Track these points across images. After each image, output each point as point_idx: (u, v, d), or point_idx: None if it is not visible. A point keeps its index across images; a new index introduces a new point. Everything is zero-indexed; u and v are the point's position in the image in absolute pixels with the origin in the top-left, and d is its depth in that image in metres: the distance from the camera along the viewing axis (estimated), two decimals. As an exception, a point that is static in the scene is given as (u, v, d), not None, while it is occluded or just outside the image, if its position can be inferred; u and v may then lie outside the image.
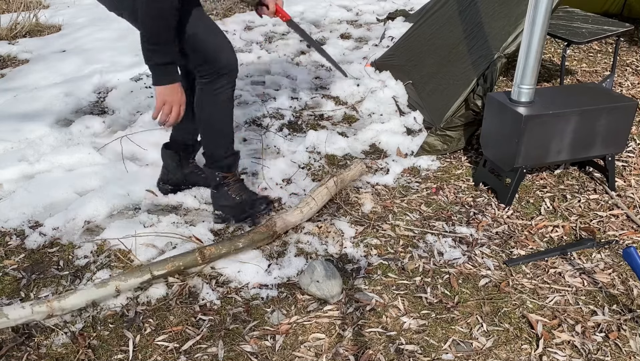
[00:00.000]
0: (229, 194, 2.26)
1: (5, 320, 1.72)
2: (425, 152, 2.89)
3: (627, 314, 1.92)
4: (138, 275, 1.93)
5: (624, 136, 2.52)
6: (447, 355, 1.77)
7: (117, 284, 1.88)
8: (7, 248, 2.25)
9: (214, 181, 2.28)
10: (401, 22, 4.65)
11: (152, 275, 1.94)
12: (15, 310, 1.74)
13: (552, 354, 1.77)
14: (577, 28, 3.27)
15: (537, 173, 2.73)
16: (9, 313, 1.73)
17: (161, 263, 1.98)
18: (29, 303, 1.76)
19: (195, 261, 2.02)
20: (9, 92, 3.60)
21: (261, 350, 1.80)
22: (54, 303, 1.78)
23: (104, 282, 1.87)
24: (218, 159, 2.25)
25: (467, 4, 3.23)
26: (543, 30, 2.23)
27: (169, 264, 1.98)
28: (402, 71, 3.44)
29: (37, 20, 5.04)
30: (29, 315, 1.76)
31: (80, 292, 1.83)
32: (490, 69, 2.79)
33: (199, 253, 2.02)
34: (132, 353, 1.79)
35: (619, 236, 2.31)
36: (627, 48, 4.29)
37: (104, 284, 1.87)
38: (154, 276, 1.94)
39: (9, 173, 2.67)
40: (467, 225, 2.39)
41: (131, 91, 3.55)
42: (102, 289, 1.86)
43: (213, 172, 2.27)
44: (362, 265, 2.16)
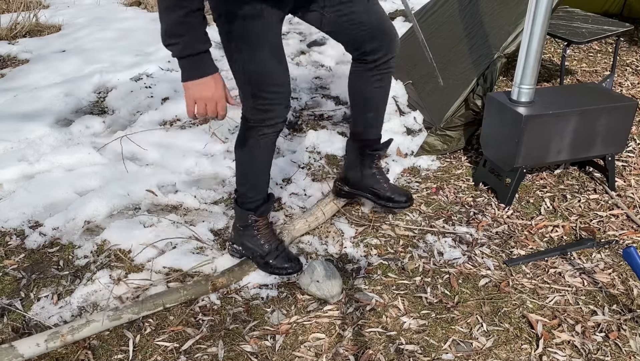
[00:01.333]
0: (257, 238, 2.05)
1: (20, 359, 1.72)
2: (425, 152, 2.89)
3: (627, 314, 1.92)
4: (151, 308, 1.92)
5: (624, 136, 2.52)
6: (447, 355, 1.77)
7: (130, 317, 1.88)
8: (7, 248, 2.25)
9: (244, 221, 2.06)
10: (401, 22, 4.65)
11: (165, 307, 1.94)
12: (30, 348, 1.74)
13: (552, 354, 1.77)
14: (577, 28, 3.27)
15: (537, 173, 2.73)
16: (24, 353, 1.73)
17: (173, 294, 1.95)
18: (43, 339, 1.75)
19: (206, 291, 2.01)
20: (9, 92, 3.60)
21: (261, 350, 1.80)
22: (67, 338, 1.78)
23: (117, 314, 1.86)
24: (250, 201, 2.03)
25: (466, 4, 3.23)
26: (543, 30, 2.23)
27: (182, 296, 1.96)
28: (402, 71, 3.44)
29: (37, 20, 5.04)
30: (44, 351, 1.76)
31: (94, 325, 1.82)
32: (490, 69, 2.79)
33: (211, 285, 2.00)
34: (132, 353, 1.79)
35: (619, 236, 2.31)
36: (627, 48, 4.28)
37: (118, 317, 1.86)
38: (165, 309, 1.94)
39: (9, 173, 2.67)
40: (467, 225, 2.39)
41: (131, 91, 3.55)
42: (115, 322, 1.86)
43: (244, 212, 2.05)
44: (362, 265, 2.16)
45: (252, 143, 1.91)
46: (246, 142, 1.92)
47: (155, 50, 4.25)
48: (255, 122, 1.85)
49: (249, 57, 1.72)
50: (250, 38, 1.70)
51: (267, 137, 1.88)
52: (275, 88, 1.79)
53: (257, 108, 1.81)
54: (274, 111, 1.82)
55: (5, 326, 1.88)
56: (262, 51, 1.73)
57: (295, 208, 2.47)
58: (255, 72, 1.75)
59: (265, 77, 1.76)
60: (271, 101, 1.80)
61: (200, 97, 1.59)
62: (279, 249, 2.06)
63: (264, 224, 2.08)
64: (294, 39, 4.57)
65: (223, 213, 2.45)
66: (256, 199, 2.03)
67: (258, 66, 1.74)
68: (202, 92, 1.58)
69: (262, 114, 1.82)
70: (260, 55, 1.73)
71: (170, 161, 2.78)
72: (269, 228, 2.10)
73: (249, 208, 2.04)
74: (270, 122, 1.84)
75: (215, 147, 2.91)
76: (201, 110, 1.62)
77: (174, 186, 2.63)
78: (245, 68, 1.75)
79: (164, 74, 3.79)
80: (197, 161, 2.79)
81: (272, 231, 2.11)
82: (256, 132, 1.87)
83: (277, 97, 1.80)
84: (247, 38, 1.70)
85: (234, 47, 1.72)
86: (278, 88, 1.80)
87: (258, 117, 1.83)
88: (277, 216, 2.41)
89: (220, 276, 2.04)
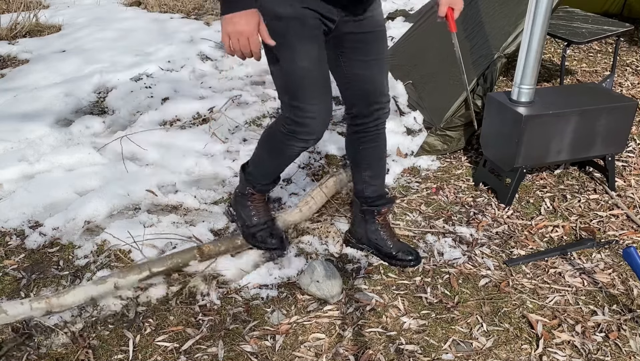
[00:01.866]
0: (249, 209, 2.12)
1: (4, 316, 1.72)
2: (425, 152, 2.89)
3: (627, 314, 1.92)
4: (137, 272, 1.94)
5: (624, 136, 2.52)
6: (447, 355, 1.77)
7: (115, 281, 1.89)
8: (7, 248, 2.25)
9: (243, 190, 2.14)
10: (401, 22, 4.65)
11: (151, 272, 1.95)
12: (15, 307, 1.75)
13: (552, 354, 1.77)
14: (577, 28, 3.27)
15: (537, 173, 2.73)
16: (7, 310, 1.74)
17: (160, 260, 1.99)
18: (27, 299, 1.77)
19: (194, 258, 2.02)
20: (9, 92, 3.60)
21: (261, 350, 1.80)
22: (52, 300, 1.78)
23: (102, 279, 1.88)
24: (255, 181, 2.09)
25: (467, 4, 3.23)
26: (543, 30, 2.23)
27: (168, 261, 1.99)
28: (402, 71, 3.44)
29: (37, 20, 5.04)
30: (28, 311, 1.76)
31: (79, 288, 1.84)
32: (490, 69, 2.79)
33: (198, 251, 2.03)
34: (132, 353, 1.79)
35: (619, 236, 2.31)
36: (627, 48, 4.28)
37: (103, 281, 1.88)
38: (152, 273, 1.95)
39: (9, 173, 2.68)
40: (467, 225, 2.39)
41: (131, 91, 3.55)
42: (101, 286, 1.87)
43: (245, 184, 2.12)
44: (362, 265, 2.16)
45: (279, 148, 1.91)
46: (273, 144, 1.92)
47: (155, 50, 4.25)
48: (288, 132, 1.83)
49: (292, 61, 1.72)
50: (295, 42, 1.70)
51: (294, 149, 1.88)
52: (316, 107, 1.77)
53: (292, 119, 1.80)
54: (308, 127, 1.79)
55: (5, 326, 1.87)
56: (306, 57, 1.72)
57: (295, 208, 2.47)
58: (291, 80, 1.74)
59: (309, 91, 1.75)
60: (308, 115, 1.77)
61: (233, 30, 1.57)
62: (267, 224, 2.09)
63: (259, 198, 2.13)
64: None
65: (223, 213, 2.44)
66: (262, 183, 2.09)
67: (301, 77, 1.73)
68: (235, 25, 1.56)
69: (296, 126, 1.80)
70: (300, 64, 1.72)
71: (170, 161, 2.78)
72: (263, 202, 2.14)
73: (251, 183, 2.08)
74: (302, 137, 1.82)
75: (215, 147, 2.91)
76: (234, 44, 1.58)
77: (174, 186, 2.63)
78: (285, 72, 1.74)
79: (164, 74, 3.80)
80: (197, 161, 2.79)
81: (265, 207, 2.14)
82: (287, 141, 1.86)
83: (314, 114, 1.77)
84: (291, 41, 1.70)
85: (277, 50, 1.70)
86: (318, 107, 1.77)
87: (291, 128, 1.82)
88: (277, 216, 2.41)
89: (208, 243, 2.07)
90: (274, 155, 1.97)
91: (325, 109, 1.80)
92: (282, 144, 1.88)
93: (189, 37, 4.60)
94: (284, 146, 1.88)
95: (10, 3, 5.57)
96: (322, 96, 1.78)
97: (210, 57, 4.18)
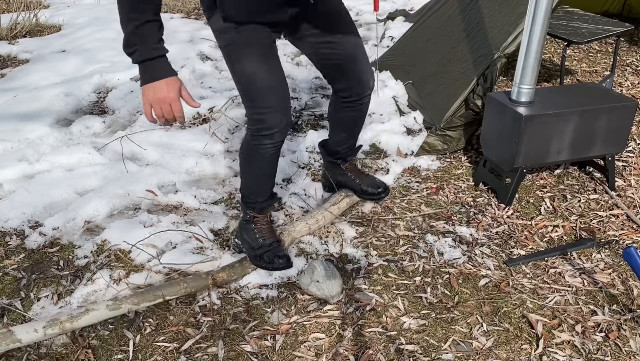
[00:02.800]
0: (254, 232, 2.13)
1: (18, 344, 1.72)
2: (425, 152, 2.89)
3: (627, 314, 1.92)
4: (150, 299, 1.92)
5: (624, 136, 2.52)
6: (447, 355, 1.77)
7: (129, 307, 1.88)
8: (7, 248, 2.25)
9: (245, 215, 2.17)
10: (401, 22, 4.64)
11: (164, 299, 1.94)
12: (29, 334, 1.74)
13: (552, 354, 1.77)
14: (577, 28, 3.27)
15: (537, 173, 2.73)
16: (22, 338, 1.74)
17: (174, 286, 1.96)
18: (41, 325, 1.75)
19: (206, 286, 2.01)
20: (9, 92, 3.60)
21: (261, 350, 1.80)
22: (66, 325, 1.78)
23: (116, 304, 1.86)
24: (252, 202, 2.13)
25: (467, 4, 3.23)
26: (543, 30, 2.23)
27: (182, 288, 1.97)
28: (402, 71, 3.44)
29: (37, 20, 5.04)
30: (42, 337, 1.76)
31: (93, 313, 1.82)
32: (490, 69, 2.79)
33: (212, 280, 2.01)
34: (132, 353, 1.79)
35: (619, 236, 2.31)
36: (627, 48, 4.28)
37: (117, 307, 1.86)
38: (165, 299, 1.94)
39: (9, 173, 2.68)
40: (467, 225, 2.39)
41: (131, 91, 3.55)
42: (114, 311, 1.86)
43: (245, 208, 2.16)
44: (362, 265, 2.16)
45: (253, 152, 1.99)
46: (247, 151, 2.01)
47: (155, 50, 4.24)
48: (253, 132, 1.93)
49: (243, 69, 1.83)
50: (245, 52, 1.82)
51: (265, 148, 1.94)
52: (268, 101, 1.87)
53: (252, 118, 1.91)
54: (266, 122, 1.88)
55: (5, 326, 1.87)
56: (256, 65, 1.83)
57: (295, 208, 2.47)
58: (248, 83, 1.85)
59: (258, 88, 1.85)
60: (263, 111, 1.87)
61: (153, 99, 1.64)
62: (272, 246, 2.11)
63: (262, 221, 2.15)
64: (294, 39, 4.56)
65: (223, 213, 2.45)
66: (257, 200, 2.12)
67: (251, 77, 1.84)
68: (155, 94, 1.64)
69: (257, 124, 1.90)
70: (254, 68, 1.83)
71: (170, 161, 2.78)
72: (267, 224, 2.16)
73: (250, 205, 2.13)
74: (265, 132, 1.90)
75: (215, 147, 2.91)
76: (157, 112, 1.66)
77: (174, 186, 2.63)
78: (240, 79, 1.86)
79: (164, 74, 3.79)
80: (197, 161, 2.79)
81: (270, 228, 2.16)
82: (255, 142, 1.94)
83: (269, 108, 1.87)
84: (241, 52, 1.82)
85: (230, 60, 1.84)
86: (271, 101, 1.87)
87: (254, 127, 1.92)
88: (277, 215, 2.41)
89: (220, 271, 2.05)
90: (254, 163, 2.02)
91: (281, 105, 1.90)
92: (254, 147, 1.96)
93: (189, 37, 4.60)
94: (256, 148, 1.96)
95: (10, 3, 5.57)
96: (276, 92, 1.88)
97: (210, 57, 4.18)
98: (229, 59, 1.85)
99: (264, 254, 2.08)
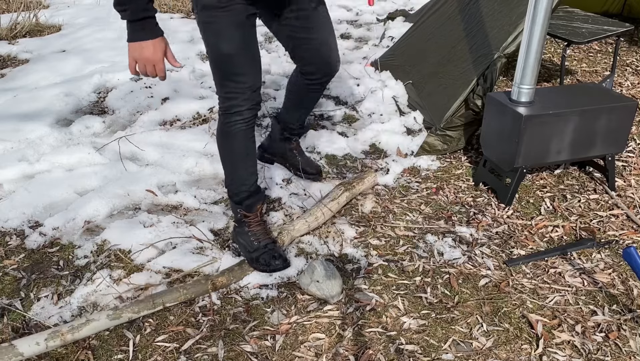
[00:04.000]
0: (248, 235, 2.13)
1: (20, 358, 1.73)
2: (425, 152, 2.89)
3: (627, 314, 1.92)
4: (150, 307, 1.92)
5: (624, 136, 2.52)
6: (447, 355, 1.77)
7: (129, 316, 1.88)
8: (7, 248, 2.25)
9: (236, 215, 2.17)
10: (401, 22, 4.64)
11: (165, 306, 1.94)
12: (30, 347, 1.74)
13: (552, 354, 1.77)
14: (577, 28, 3.27)
15: (537, 173, 2.73)
16: (24, 352, 1.73)
17: (173, 293, 1.95)
18: (43, 338, 1.75)
19: (206, 291, 2.01)
20: (9, 92, 3.60)
21: (261, 350, 1.80)
22: (67, 336, 1.78)
23: (117, 313, 1.86)
24: (236, 193, 2.13)
25: (466, 4, 3.23)
26: (543, 30, 2.23)
27: (182, 294, 1.96)
28: (402, 70, 3.44)
29: (37, 20, 5.04)
30: (43, 350, 1.76)
31: (94, 324, 1.82)
32: (490, 69, 2.79)
33: (211, 284, 2.01)
34: (132, 353, 1.79)
35: (619, 236, 2.31)
36: (627, 48, 4.29)
37: (117, 316, 1.86)
38: (165, 308, 1.94)
39: (9, 173, 2.67)
40: (467, 225, 2.39)
41: (131, 91, 3.55)
42: (114, 321, 1.86)
43: (234, 207, 2.16)
44: (362, 265, 2.16)
45: (226, 133, 2.04)
46: (221, 132, 2.06)
47: (155, 50, 4.24)
48: (224, 110, 1.99)
49: (217, 45, 1.88)
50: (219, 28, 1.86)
51: (236, 126, 2.00)
52: (240, 77, 1.92)
53: (223, 96, 1.97)
54: (237, 99, 1.94)
55: (5, 326, 1.88)
56: (229, 42, 1.87)
57: (295, 208, 2.47)
58: (221, 60, 1.90)
59: (230, 65, 1.90)
60: (234, 89, 1.93)
61: (139, 57, 1.74)
62: (267, 247, 2.11)
63: (255, 221, 2.15)
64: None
65: (223, 213, 2.45)
66: (240, 191, 2.12)
67: (224, 54, 1.88)
68: (141, 53, 1.73)
69: (228, 102, 1.96)
70: (227, 45, 1.87)
71: (170, 161, 2.78)
72: (260, 225, 2.16)
73: (236, 201, 2.14)
74: (235, 109, 1.96)
75: (215, 147, 2.90)
76: (141, 69, 1.76)
77: (174, 186, 2.63)
78: (213, 56, 1.91)
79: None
80: (197, 161, 2.79)
81: (264, 229, 2.17)
82: (226, 120, 2.00)
83: (240, 85, 1.93)
84: (216, 28, 1.86)
85: (206, 36, 1.90)
86: (242, 77, 1.92)
87: (225, 105, 1.98)
88: (277, 216, 2.41)
89: (220, 275, 2.04)
90: (230, 146, 2.06)
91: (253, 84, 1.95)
92: (226, 127, 2.01)
93: (189, 37, 4.60)
94: (228, 127, 2.01)
95: (10, 3, 5.57)
96: (249, 71, 1.93)
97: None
98: (205, 33, 1.89)
99: (260, 256, 2.09)
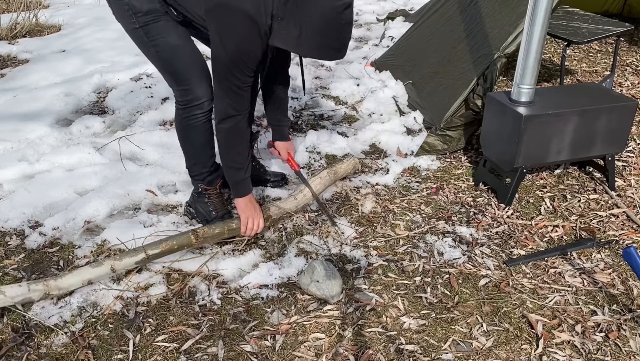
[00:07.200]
0: (207, 205, 2.30)
1: (2, 297, 1.74)
2: (425, 152, 2.89)
3: (627, 314, 1.92)
4: (132, 255, 1.97)
5: (624, 136, 2.52)
6: (447, 354, 1.77)
7: (112, 264, 1.91)
8: (7, 248, 2.25)
9: (196, 188, 2.31)
10: (401, 22, 4.65)
11: (147, 254, 1.96)
12: (12, 288, 1.78)
13: (552, 354, 1.77)
14: (577, 28, 3.27)
15: (537, 173, 2.73)
16: (6, 291, 1.77)
17: (155, 243, 2.02)
18: (25, 281, 1.78)
19: (189, 241, 2.05)
20: (9, 92, 3.60)
21: (261, 350, 1.80)
22: (50, 282, 1.81)
23: (99, 262, 1.91)
24: (197, 174, 2.27)
25: (467, 4, 3.23)
26: (543, 30, 2.23)
27: (163, 243, 2.02)
28: (402, 71, 3.44)
29: (37, 20, 5.04)
30: (26, 292, 1.78)
31: (77, 271, 1.87)
32: (490, 69, 2.79)
33: (193, 233, 2.06)
34: (132, 353, 1.79)
35: (619, 236, 2.31)
36: (627, 48, 4.29)
37: (99, 264, 1.91)
38: (148, 256, 1.96)
39: (9, 173, 2.67)
40: (467, 225, 2.39)
41: (131, 91, 3.55)
42: (97, 269, 1.89)
43: (195, 182, 2.30)
44: (362, 265, 2.16)
45: (186, 126, 2.14)
46: (180, 126, 2.16)
47: (155, 50, 4.24)
48: (183, 105, 2.08)
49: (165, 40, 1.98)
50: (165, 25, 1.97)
51: (197, 118, 2.09)
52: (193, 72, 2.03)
53: (180, 91, 2.06)
54: (194, 92, 2.04)
55: (5, 326, 1.87)
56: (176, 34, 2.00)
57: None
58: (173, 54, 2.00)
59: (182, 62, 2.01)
60: (190, 82, 2.03)
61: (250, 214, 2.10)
62: (224, 218, 2.27)
63: (214, 193, 2.31)
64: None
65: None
66: (202, 172, 2.26)
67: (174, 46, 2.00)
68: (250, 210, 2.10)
69: (185, 96, 2.05)
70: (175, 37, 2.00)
71: (170, 161, 2.78)
72: (219, 197, 2.33)
73: (198, 179, 2.28)
74: (195, 103, 2.06)
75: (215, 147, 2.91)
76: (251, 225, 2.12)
77: (174, 186, 2.63)
78: (164, 53, 2.00)
79: (164, 74, 3.79)
80: (197, 161, 2.78)
81: (221, 201, 2.35)
82: (186, 114, 2.09)
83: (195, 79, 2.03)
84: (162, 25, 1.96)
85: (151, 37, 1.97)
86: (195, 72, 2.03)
87: (183, 100, 2.07)
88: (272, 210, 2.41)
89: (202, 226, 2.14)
90: (191, 136, 2.17)
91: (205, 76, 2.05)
92: (186, 120, 2.11)
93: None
94: (188, 120, 2.11)
95: (10, 3, 5.57)
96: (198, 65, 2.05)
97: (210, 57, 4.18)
98: (150, 34, 1.96)
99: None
